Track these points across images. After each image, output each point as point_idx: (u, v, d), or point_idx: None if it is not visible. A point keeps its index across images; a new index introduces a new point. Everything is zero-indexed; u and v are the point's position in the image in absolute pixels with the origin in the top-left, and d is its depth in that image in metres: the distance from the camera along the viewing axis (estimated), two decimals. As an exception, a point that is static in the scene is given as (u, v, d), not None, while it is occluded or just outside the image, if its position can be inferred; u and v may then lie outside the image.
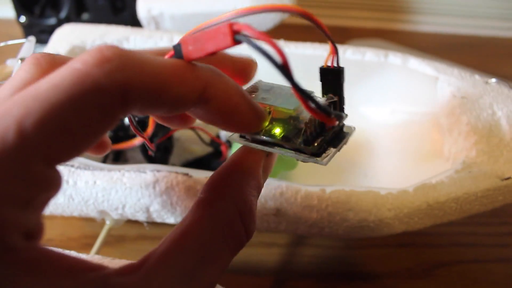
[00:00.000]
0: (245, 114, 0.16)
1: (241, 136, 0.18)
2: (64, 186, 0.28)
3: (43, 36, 0.52)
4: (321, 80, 0.19)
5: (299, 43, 0.34)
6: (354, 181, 0.33)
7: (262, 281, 0.31)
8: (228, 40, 0.14)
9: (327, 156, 0.17)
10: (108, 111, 0.13)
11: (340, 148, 0.18)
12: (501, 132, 0.28)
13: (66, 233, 0.35)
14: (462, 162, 0.27)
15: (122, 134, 0.34)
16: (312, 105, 0.15)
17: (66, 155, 0.13)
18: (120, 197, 0.27)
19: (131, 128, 0.22)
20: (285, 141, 0.17)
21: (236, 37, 0.14)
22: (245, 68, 0.18)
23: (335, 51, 0.18)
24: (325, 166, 0.17)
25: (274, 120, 0.17)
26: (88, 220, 0.34)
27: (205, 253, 0.14)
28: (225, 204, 0.15)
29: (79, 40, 0.36)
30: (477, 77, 0.31)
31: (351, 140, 0.36)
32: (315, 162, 0.17)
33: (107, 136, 0.21)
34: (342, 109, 0.19)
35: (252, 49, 0.13)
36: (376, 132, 0.34)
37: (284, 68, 0.14)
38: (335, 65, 0.18)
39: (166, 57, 0.15)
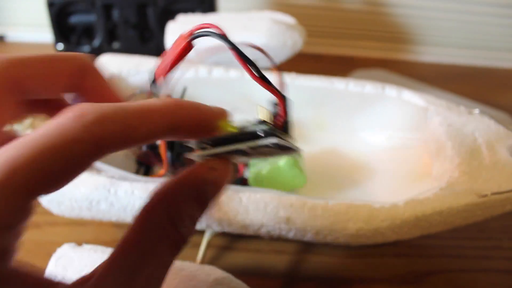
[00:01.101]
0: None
1: (201, 148, 0.19)
2: (106, 194, 0.33)
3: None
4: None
5: (308, 76, 0.39)
6: (355, 198, 0.38)
7: (273, 282, 0.35)
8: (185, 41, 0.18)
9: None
10: (81, 157, 0.15)
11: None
12: (481, 156, 0.33)
13: (99, 237, 0.39)
14: (447, 181, 0.32)
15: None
16: (253, 70, 0.17)
17: (44, 191, 0.15)
18: (154, 205, 0.32)
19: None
20: (243, 131, 0.17)
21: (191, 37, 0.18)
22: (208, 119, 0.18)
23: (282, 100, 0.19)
24: (329, 186, 0.19)
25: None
26: (119, 226, 0.39)
27: (143, 253, 0.16)
28: (157, 210, 0.17)
29: (116, 69, 0.41)
30: (462, 108, 0.36)
31: (353, 162, 0.41)
32: (284, 140, 0.17)
33: None
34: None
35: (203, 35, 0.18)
36: (374, 155, 0.39)
37: (223, 36, 0.17)
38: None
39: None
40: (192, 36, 0.18)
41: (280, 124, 0.18)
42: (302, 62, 0.65)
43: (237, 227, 0.31)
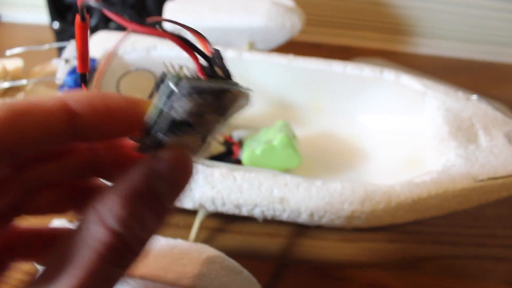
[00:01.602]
0: None
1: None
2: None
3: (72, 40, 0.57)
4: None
5: (306, 58, 0.39)
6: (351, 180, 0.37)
7: (266, 265, 0.35)
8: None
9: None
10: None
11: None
12: (477, 141, 0.33)
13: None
14: (443, 164, 0.31)
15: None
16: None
17: None
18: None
19: None
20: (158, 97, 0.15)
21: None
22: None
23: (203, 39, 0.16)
24: (325, 168, 0.16)
25: None
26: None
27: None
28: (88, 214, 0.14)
29: (112, 46, 0.41)
30: (460, 93, 0.36)
31: (350, 145, 0.41)
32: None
33: None
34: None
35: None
36: (371, 138, 0.39)
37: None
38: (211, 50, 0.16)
39: None
40: (81, 12, 0.16)
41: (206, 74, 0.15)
42: (300, 51, 0.65)
43: (231, 206, 0.31)
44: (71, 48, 0.37)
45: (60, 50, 0.57)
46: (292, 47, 0.48)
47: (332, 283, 0.34)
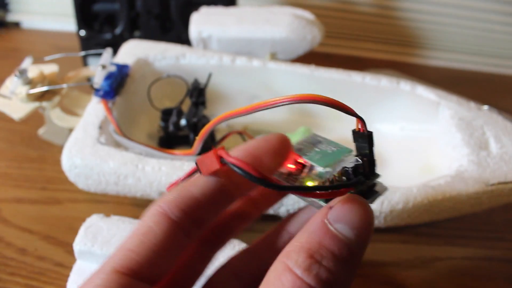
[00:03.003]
0: None
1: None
2: (134, 169, 0.34)
3: (97, 48, 0.59)
4: (354, 141, 0.20)
5: (327, 68, 0.41)
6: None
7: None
8: (216, 164, 0.18)
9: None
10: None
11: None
12: (489, 148, 0.35)
13: (118, 215, 0.41)
14: (456, 169, 0.34)
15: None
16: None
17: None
18: (180, 180, 0.34)
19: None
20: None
21: (222, 161, 0.17)
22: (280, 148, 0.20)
23: (361, 121, 0.19)
24: None
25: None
26: (138, 205, 0.41)
27: None
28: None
29: (143, 54, 0.43)
30: (472, 104, 0.38)
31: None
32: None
33: None
34: (372, 170, 0.19)
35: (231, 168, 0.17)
36: (388, 145, 0.41)
37: (257, 179, 0.17)
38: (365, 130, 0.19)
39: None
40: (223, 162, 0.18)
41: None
42: (312, 61, 0.67)
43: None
44: (107, 55, 0.40)
45: (85, 57, 0.60)
46: (305, 57, 0.50)
47: (350, 280, 0.36)
